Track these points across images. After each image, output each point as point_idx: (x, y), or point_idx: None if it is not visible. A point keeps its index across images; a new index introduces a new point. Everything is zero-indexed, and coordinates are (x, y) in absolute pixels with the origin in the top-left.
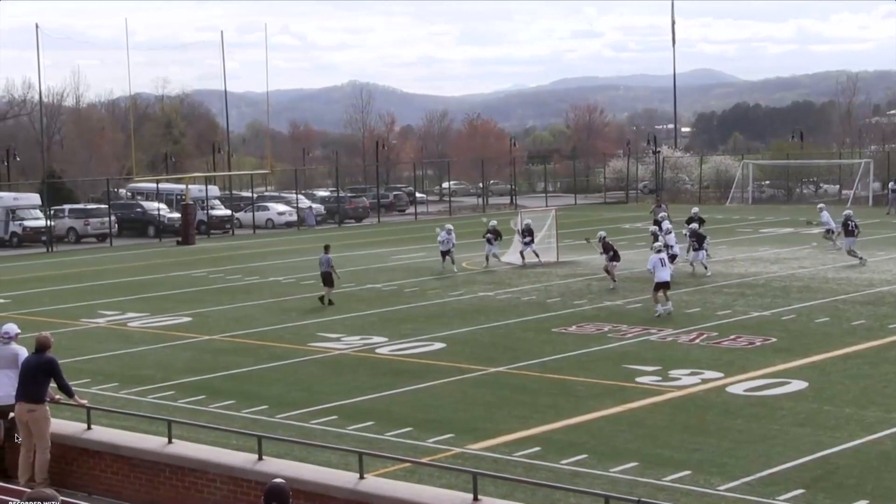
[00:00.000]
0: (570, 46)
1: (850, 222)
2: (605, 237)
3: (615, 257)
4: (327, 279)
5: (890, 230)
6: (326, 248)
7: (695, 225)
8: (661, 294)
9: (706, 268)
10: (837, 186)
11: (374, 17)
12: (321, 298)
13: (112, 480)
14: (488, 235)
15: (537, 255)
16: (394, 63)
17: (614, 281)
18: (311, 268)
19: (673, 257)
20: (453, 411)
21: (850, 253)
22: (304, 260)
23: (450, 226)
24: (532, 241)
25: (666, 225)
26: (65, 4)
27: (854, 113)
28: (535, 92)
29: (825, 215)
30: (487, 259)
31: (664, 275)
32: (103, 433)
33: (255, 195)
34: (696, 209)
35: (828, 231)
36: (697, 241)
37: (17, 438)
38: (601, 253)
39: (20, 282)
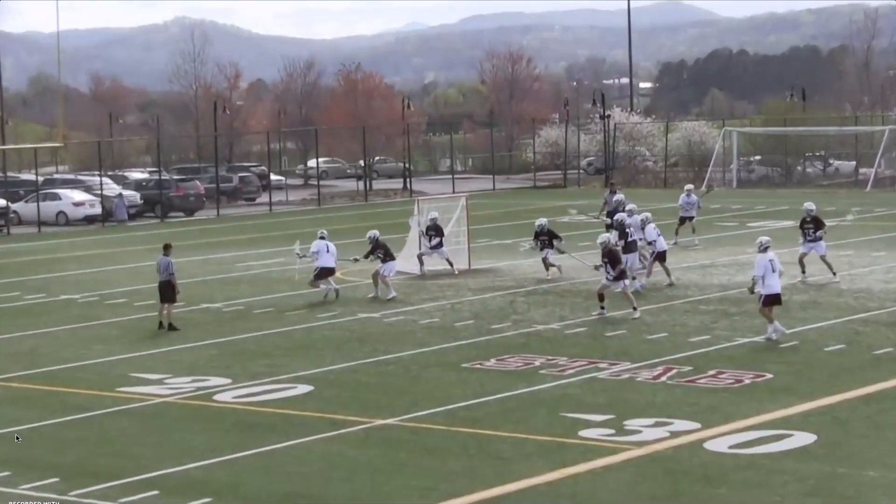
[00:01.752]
0: None
1: (807, 222)
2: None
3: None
4: (166, 291)
5: None
6: (166, 249)
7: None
8: (772, 311)
9: (669, 275)
10: (853, 163)
11: None
12: (161, 323)
13: None
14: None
15: (450, 263)
16: None
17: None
18: (120, 281)
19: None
20: (325, 483)
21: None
22: (112, 270)
23: (323, 231)
24: (441, 242)
25: (639, 216)
26: None
27: (873, 63)
28: (436, 34)
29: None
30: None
31: (775, 285)
32: None
33: (40, 179)
34: (689, 186)
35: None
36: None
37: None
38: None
39: None
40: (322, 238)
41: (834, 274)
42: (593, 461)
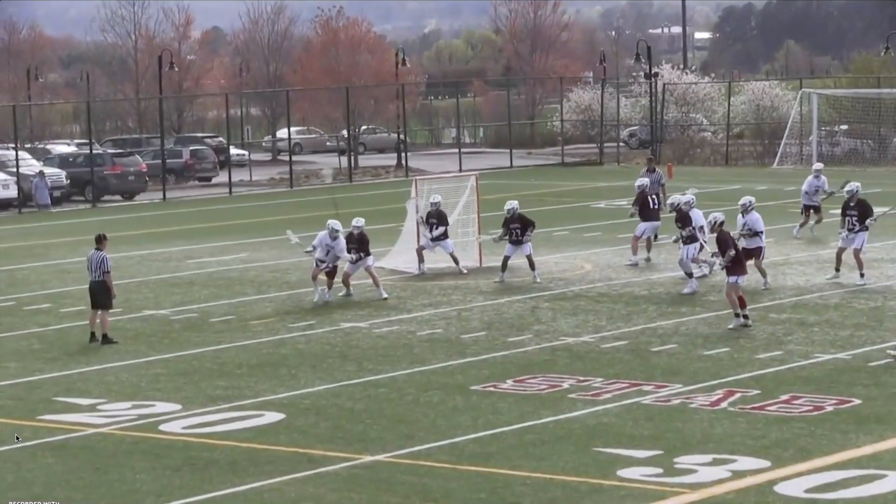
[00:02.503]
0: None
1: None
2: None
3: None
4: (99, 295)
5: None
6: (100, 242)
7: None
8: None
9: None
10: None
11: None
12: (93, 334)
13: None
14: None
15: (455, 260)
16: None
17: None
18: (42, 281)
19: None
20: None
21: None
22: (32, 267)
23: (335, 223)
24: (445, 233)
25: (683, 197)
26: None
27: None
28: None
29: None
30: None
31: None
32: None
33: None
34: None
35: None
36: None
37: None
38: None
39: None
40: (335, 231)
41: (862, 276)
42: None
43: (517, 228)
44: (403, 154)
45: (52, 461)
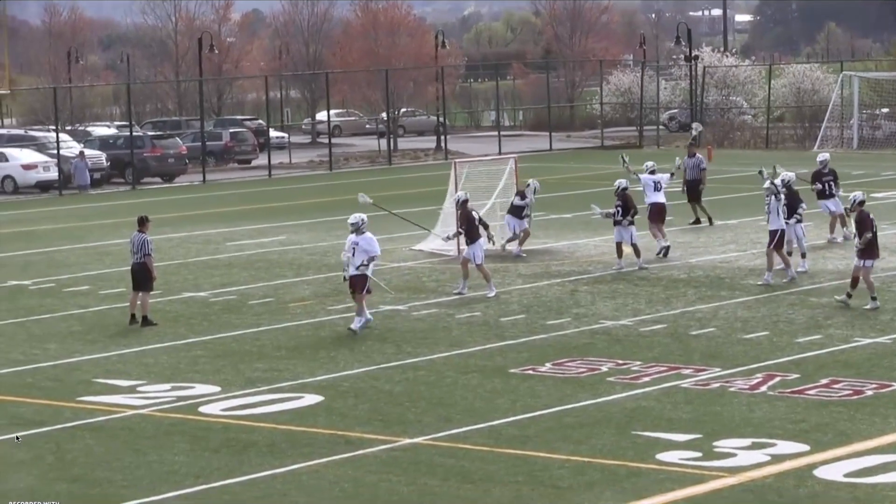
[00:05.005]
0: None
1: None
2: (626, 188)
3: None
4: (140, 277)
5: None
6: (141, 224)
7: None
8: None
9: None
10: None
11: None
12: (133, 316)
13: None
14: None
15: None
16: None
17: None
18: (82, 263)
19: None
20: None
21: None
22: (72, 249)
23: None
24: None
25: (788, 174)
26: None
27: None
28: None
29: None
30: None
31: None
32: None
33: None
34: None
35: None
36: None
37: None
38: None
39: None
40: (354, 227)
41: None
42: (674, 492)
43: (618, 207)
44: (443, 137)
45: (91, 442)
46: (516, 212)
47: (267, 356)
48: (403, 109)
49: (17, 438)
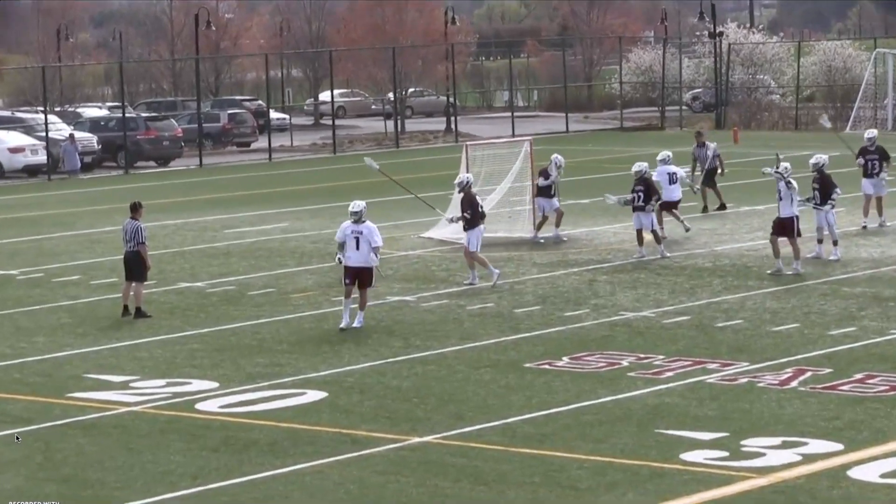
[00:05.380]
0: None
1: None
2: (646, 172)
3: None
4: (133, 266)
5: None
6: (134, 210)
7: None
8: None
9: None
10: None
11: None
12: (126, 307)
13: None
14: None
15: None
16: None
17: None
18: (72, 252)
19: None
20: None
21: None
22: (61, 237)
23: (358, 204)
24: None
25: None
26: None
27: None
28: None
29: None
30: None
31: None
32: None
33: None
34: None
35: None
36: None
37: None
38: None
39: None
40: (356, 216)
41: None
42: (700, 493)
43: (641, 192)
44: (453, 118)
45: (83, 441)
46: (544, 192)
47: (267, 350)
48: (411, 89)
49: (17, 438)
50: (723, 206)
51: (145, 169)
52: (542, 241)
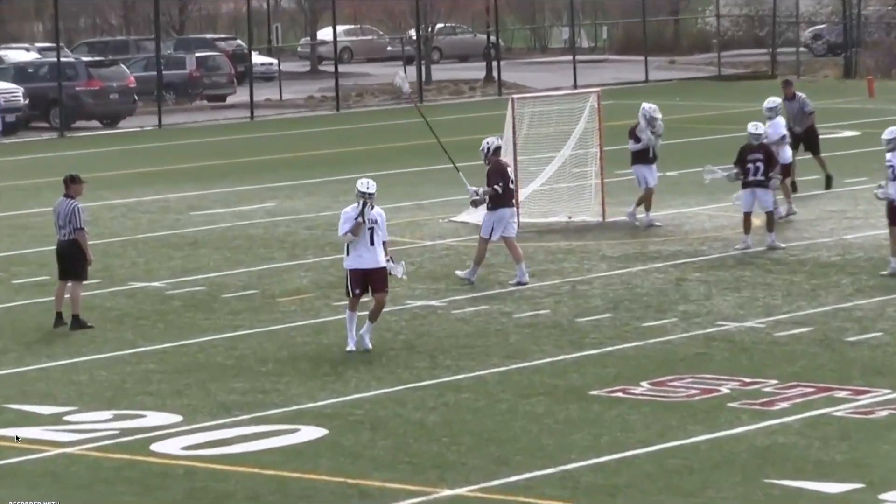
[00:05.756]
0: None
1: None
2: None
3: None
4: (69, 260)
5: None
6: (70, 184)
7: None
8: None
9: None
10: None
11: None
12: (59, 315)
13: None
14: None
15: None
16: None
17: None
18: None
19: None
20: None
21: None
22: None
23: (367, 182)
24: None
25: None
26: None
27: None
28: None
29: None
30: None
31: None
32: None
33: None
34: None
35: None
36: None
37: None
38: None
39: None
40: (364, 196)
41: None
42: None
43: (759, 161)
44: (495, 63)
45: (1, 493)
46: (641, 158)
47: (248, 372)
48: (440, 25)
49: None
50: (829, 180)
51: (87, 130)
52: (637, 223)
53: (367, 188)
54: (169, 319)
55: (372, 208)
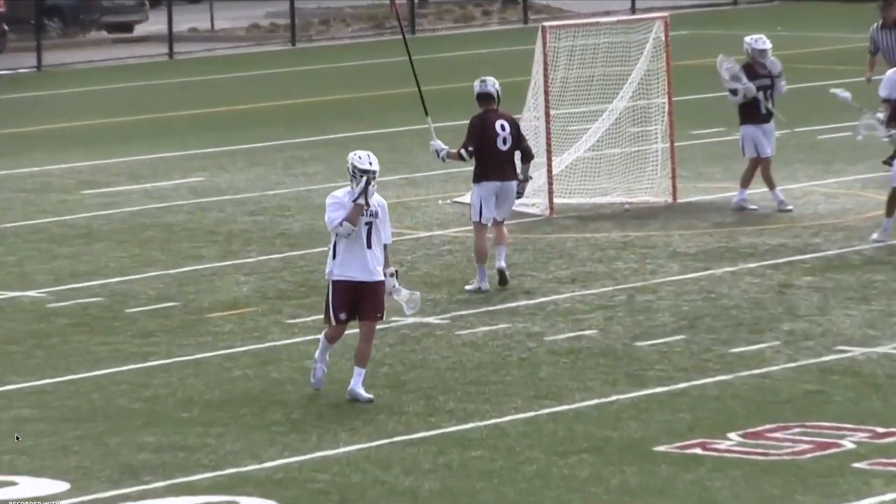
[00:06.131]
0: None
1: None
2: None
3: None
4: None
5: None
6: None
7: None
8: None
9: None
10: None
11: None
12: None
13: None
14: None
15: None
16: None
17: None
18: None
19: None
20: None
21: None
22: None
23: (363, 156)
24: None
25: None
26: None
27: None
28: None
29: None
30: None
31: None
32: None
33: None
34: None
35: None
36: None
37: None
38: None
39: None
40: (367, 174)
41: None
42: None
43: None
44: None
45: None
46: (750, 116)
47: (163, 419)
48: None
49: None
50: None
51: None
52: (752, 207)
53: (370, 164)
54: (51, 345)
55: (368, 193)
